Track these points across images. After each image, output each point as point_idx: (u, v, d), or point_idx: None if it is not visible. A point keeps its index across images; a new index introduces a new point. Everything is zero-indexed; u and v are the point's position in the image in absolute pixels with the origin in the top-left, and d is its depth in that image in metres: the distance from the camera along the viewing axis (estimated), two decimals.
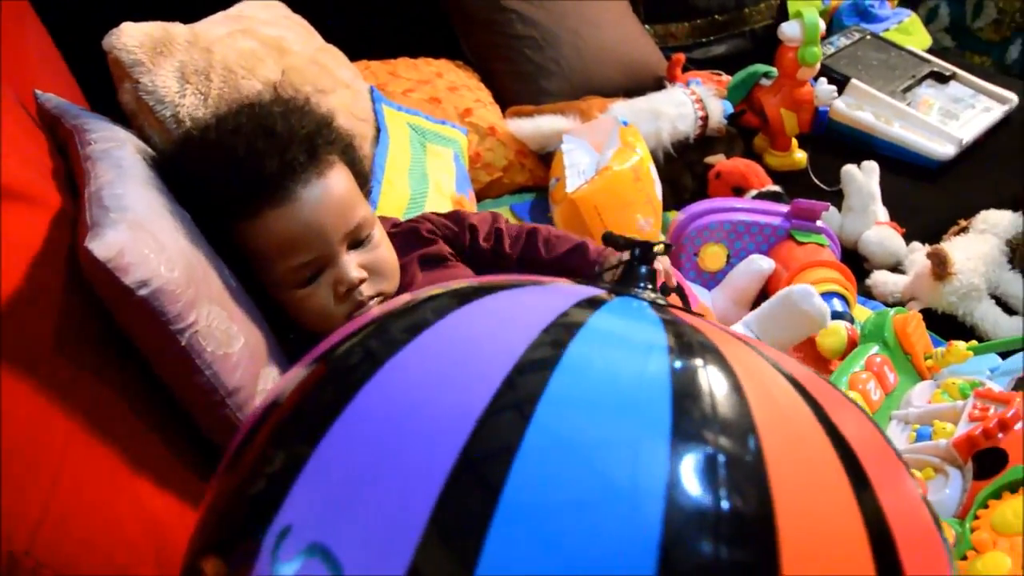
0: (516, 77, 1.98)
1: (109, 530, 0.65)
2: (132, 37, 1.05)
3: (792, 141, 1.93)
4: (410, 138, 1.52)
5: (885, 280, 1.54)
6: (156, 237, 0.73)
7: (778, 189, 1.69)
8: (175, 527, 0.71)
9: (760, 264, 1.41)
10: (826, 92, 1.89)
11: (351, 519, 0.41)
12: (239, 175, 0.89)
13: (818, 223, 1.47)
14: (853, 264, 1.50)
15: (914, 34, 2.36)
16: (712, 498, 0.40)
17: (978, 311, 1.44)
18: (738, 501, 0.40)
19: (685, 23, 2.35)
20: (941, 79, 2.10)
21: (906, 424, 1.05)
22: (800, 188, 1.79)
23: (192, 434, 0.80)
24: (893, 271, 1.59)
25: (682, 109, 1.82)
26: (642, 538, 0.38)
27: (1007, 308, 1.48)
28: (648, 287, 0.60)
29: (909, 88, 2.05)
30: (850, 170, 1.69)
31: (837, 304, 1.32)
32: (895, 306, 1.45)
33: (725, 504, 0.40)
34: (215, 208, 0.90)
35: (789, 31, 1.83)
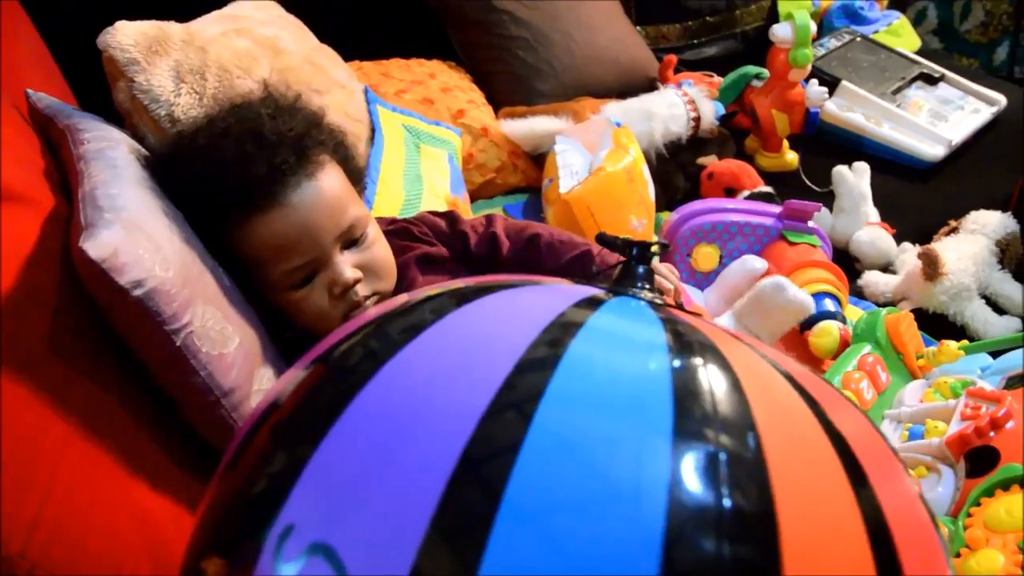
0: (508, 78, 1.98)
1: (104, 532, 0.64)
2: (127, 36, 1.04)
3: (783, 142, 1.94)
4: (404, 139, 1.52)
5: (876, 280, 1.55)
6: (151, 237, 0.73)
7: (770, 190, 1.70)
8: (170, 528, 0.71)
9: (753, 264, 1.41)
10: (817, 94, 1.89)
11: (354, 519, 0.41)
12: (227, 181, 0.89)
13: (810, 224, 1.48)
14: (844, 264, 1.50)
15: (903, 36, 2.37)
16: (714, 497, 0.40)
17: (968, 311, 1.44)
18: (740, 499, 0.40)
19: (677, 24, 2.36)
20: (930, 81, 2.11)
21: (899, 423, 1.06)
22: (791, 189, 1.79)
23: (187, 435, 0.80)
24: (884, 271, 1.59)
25: (674, 110, 1.82)
26: (645, 537, 0.38)
27: (997, 308, 1.49)
28: (646, 287, 0.60)
29: (899, 90, 2.06)
30: (841, 171, 1.70)
31: (829, 304, 1.33)
32: (886, 306, 1.46)
33: (727, 502, 0.40)
34: (206, 212, 0.90)
35: (780, 33, 1.83)
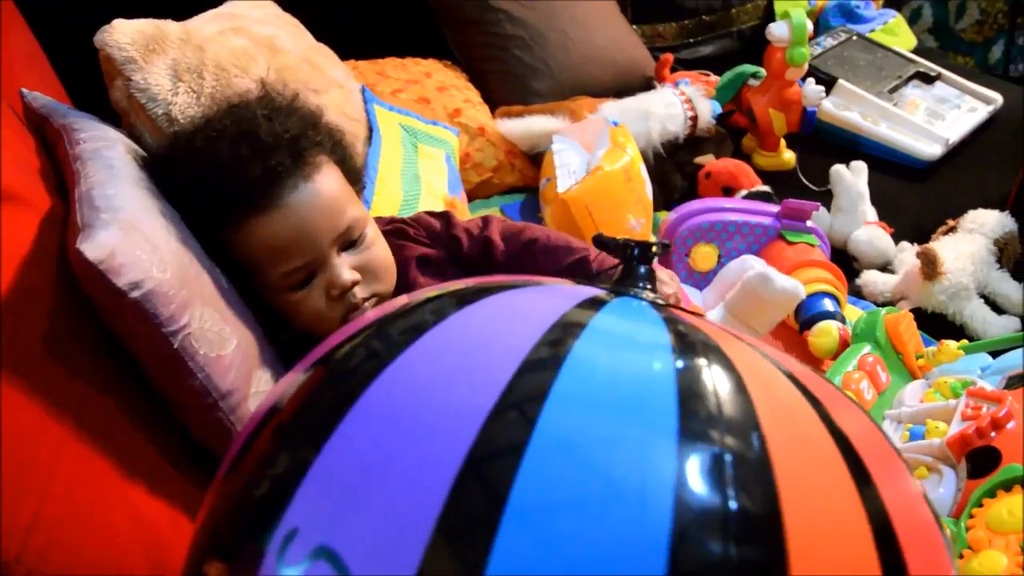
0: (505, 77, 1.97)
1: (101, 536, 0.64)
2: (124, 34, 1.03)
3: (780, 141, 1.94)
4: (402, 139, 1.51)
5: (875, 280, 1.55)
6: (148, 238, 0.73)
7: (768, 189, 1.70)
8: (168, 531, 0.70)
9: (751, 264, 1.41)
10: (814, 92, 1.88)
11: (358, 522, 0.41)
12: (223, 183, 0.88)
13: (808, 223, 1.47)
14: (842, 264, 1.49)
15: (899, 35, 2.37)
16: (720, 497, 0.40)
17: (967, 310, 1.44)
18: (746, 500, 0.40)
19: (673, 23, 2.35)
20: (927, 80, 2.11)
21: (899, 423, 1.05)
22: (789, 188, 1.79)
23: (184, 437, 0.79)
24: (882, 271, 1.59)
25: (671, 109, 1.82)
26: (651, 538, 0.38)
27: (995, 307, 1.49)
28: (648, 287, 0.60)
29: (896, 88, 2.06)
30: (839, 170, 1.70)
31: (828, 304, 1.32)
32: (885, 306, 1.46)
33: (733, 503, 0.40)
34: (203, 214, 0.89)
35: (777, 31, 1.83)
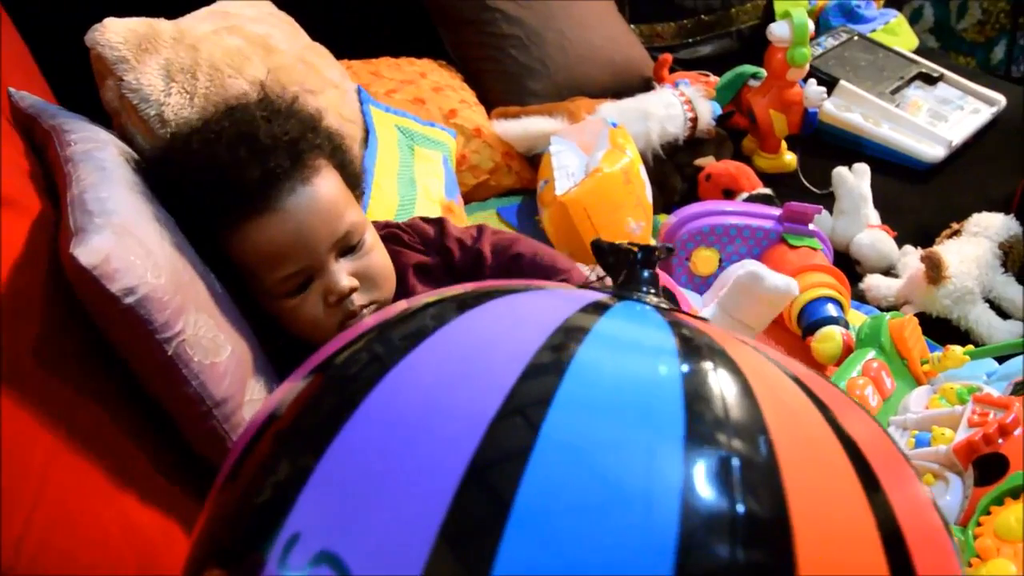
0: (501, 77, 1.96)
1: (93, 545, 0.63)
2: (116, 33, 1.02)
3: (781, 143, 1.93)
4: (398, 141, 1.49)
5: (878, 284, 1.54)
6: (142, 242, 0.72)
7: (769, 192, 1.69)
8: (159, 540, 0.70)
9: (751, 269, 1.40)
10: (815, 93, 1.87)
11: (361, 527, 0.40)
12: (220, 185, 0.87)
13: (810, 226, 1.46)
14: (845, 267, 1.49)
15: (900, 35, 2.36)
16: (727, 501, 0.40)
17: (972, 315, 1.43)
18: (753, 504, 0.40)
19: (671, 23, 2.35)
20: (929, 80, 2.10)
21: (904, 430, 1.04)
22: (790, 190, 1.78)
23: (177, 445, 0.78)
24: (885, 275, 1.58)
25: (671, 110, 1.81)
26: (658, 542, 0.38)
27: (1000, 311, 1.48)
28: (651, 291, 0.59)
29: (897, 89, 2.05)
30: (841, 172, 1.68)
31: (832, 309, 1.31)
32: (889, 310, 1.45)
33: (740, 507, 0.40)
34: (199, 217, 0.87)
35: (778, 32, 1.82)
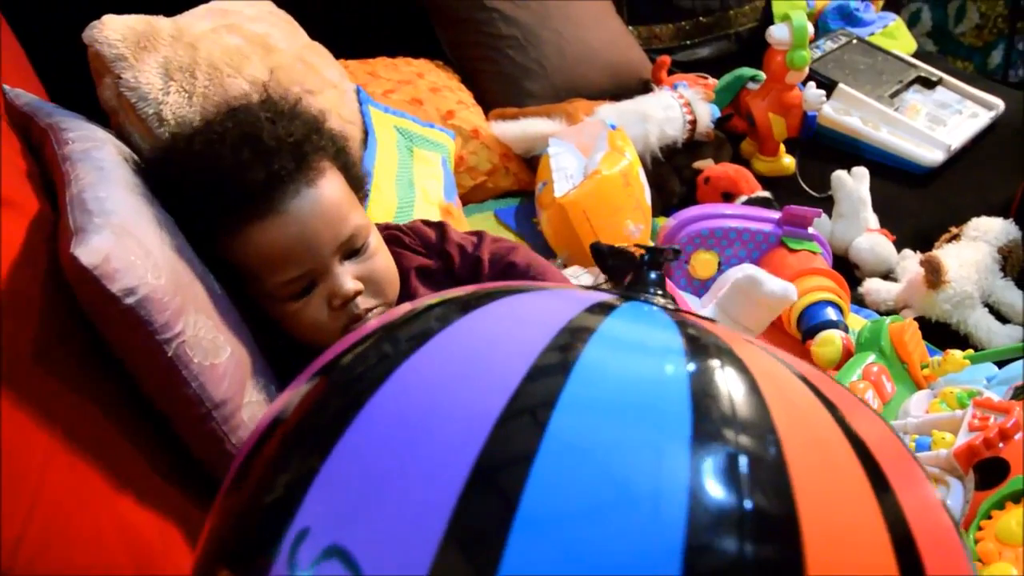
0: (498, 78, 1.96)
1: (90, 547, 0.63)
2: (114, 30, 1.00)
3: (780, 146, 1.92)
4: (397, 143, 1.48)
5: (878, 288, 1.54)
6: (141, 242, 0.71)
7: (768, 195, 1.68)
8: (157, 543, 0.69)
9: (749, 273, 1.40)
10: (815, 96, 1.87)
11: (369, 524, 0.41)
12: (223, 187, 0.85)
13: (809, 230, 1.46)
14: (843, 271, 1.48)
15: (899, 38, 2.37)
16: (735, 500, 0.40)
17: (972, 319, 1.43)
18: (762, 502, 0.40)
19: (669, 25, 2.35)
20: (928, 84, 2.10)
21: (904, 434, 1.04)
22: (788, 194, 1.78)
23: (175, 448, 0.77)
24: (884, 279, 1.58)
25: (670, 112, 1.80)
26: (666, 542, 0.38)
27: (999, 316, 1.48)
28: (659, 292, 0.59)
29: (896, 93, 2.05)
30: (840, 176, 1.68)
31: (831, 313, 1.31)
32: (888, 314, 1.45)
33: (748, 505, 0.40)
34: (200, 219, 0.87)
35: (778, 34, 1.82)
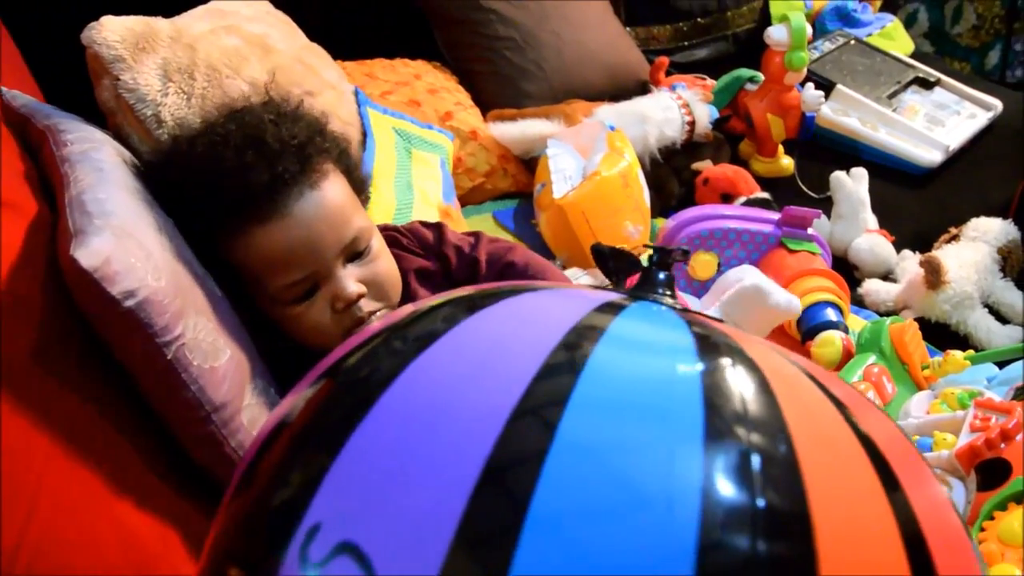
0: (496, 79, 1.95)
1: (89, 552, 0.62)
2: (113, 31, 1.00)
3: (778, 147, 1.92)
4: (395, 144, 1.48)
5: (877, 289, 1.53)
6: (141, 244, 0.71)
7: (767, 196, 1.68)
8: (156, 546, 0.69)
9: (749, 273, 1.39)
10: (813, 97, 1.87)
11: (380, 521, 0.41)
12: (226, 189, 0.85)
13: (808, 231, 1.46)
14: (843, 272, 1.48)
15: (897, 39, 2.36)
16: (748, 499, 0.40)
17: (971, 320, 1.43)
18: (774, 500, 0.40)
19: (667, 26, 2.34)
20: (926, 85, 2.10)
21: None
22: (787, 195, 1.77)
23: (173, 451, 0.77)
24: (883, 279, 1.58)
25: (669, 113, 1.80)
26: (679, 541, 0.38)
27: (999, 316, 1.48)
28: (667, 292, 0.59)
29: (894, 94, 2.05)
30: (839, 177, 1.68)
31: (831, 314, 1.30)
32: (887, 315, 1.45)
33: (761, 504, 0.40)
34: (202, 221, 0.86)
35: (776, 35, 1.82)
